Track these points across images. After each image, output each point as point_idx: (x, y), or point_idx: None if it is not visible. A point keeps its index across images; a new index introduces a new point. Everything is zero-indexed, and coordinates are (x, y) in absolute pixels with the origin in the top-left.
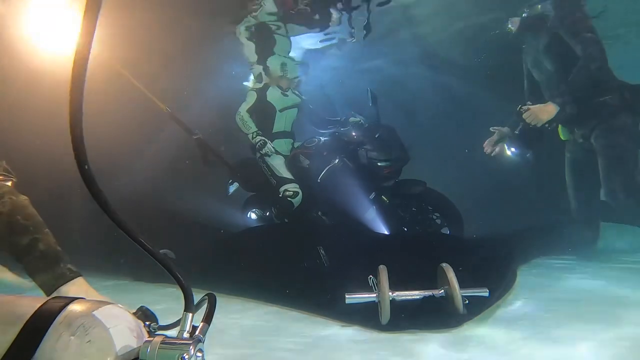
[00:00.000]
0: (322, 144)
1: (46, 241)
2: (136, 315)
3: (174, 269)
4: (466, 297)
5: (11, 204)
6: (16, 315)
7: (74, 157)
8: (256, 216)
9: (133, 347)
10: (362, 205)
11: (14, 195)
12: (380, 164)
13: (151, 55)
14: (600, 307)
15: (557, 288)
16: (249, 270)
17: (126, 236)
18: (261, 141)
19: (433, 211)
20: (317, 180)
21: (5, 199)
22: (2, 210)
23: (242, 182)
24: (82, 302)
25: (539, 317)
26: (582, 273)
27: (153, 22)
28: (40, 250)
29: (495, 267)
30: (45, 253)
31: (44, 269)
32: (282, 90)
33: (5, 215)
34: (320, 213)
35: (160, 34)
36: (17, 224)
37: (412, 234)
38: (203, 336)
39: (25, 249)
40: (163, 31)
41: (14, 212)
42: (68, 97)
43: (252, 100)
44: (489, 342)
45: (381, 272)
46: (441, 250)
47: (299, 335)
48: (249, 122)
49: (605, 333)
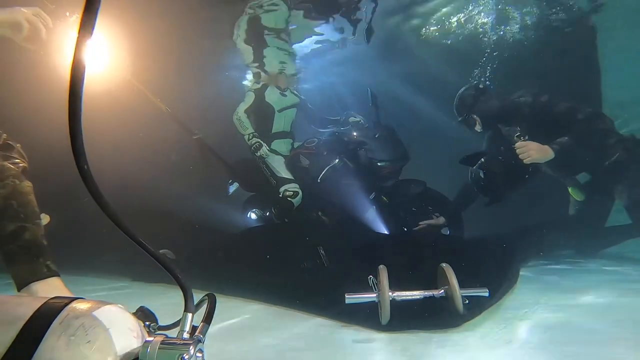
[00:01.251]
0: (322, 144)
1: (33, 232)
2: (136, 315)
3: (174, 269)
4: (466, 297)
5: (12, 187)
6: (16, 315)
7: (73, 157)
8: (256, 216)
9: (133, 347)
10: (362, 205)
11: (17, 179)
12: (380, 164)
13: (150, 54)
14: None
15: (559, 288)
16: (248, 270)
17: (126, 236)
18: (257, 143)
19: (433, 211)
20: (317, 180)
21: (8, 181)
22: (1, 192)
23: (242, 182)
24: (82, 302)
25: (539, 317)
26: (582, 273)
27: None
28: (24, 239)
29: (495, 267)
30: (29, 244)
31: (22, 261)
32: (280, 90)
33: (2, 198)
34: (320, 213)
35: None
36: (10, 208)
37: (412, 234)
38: (203, 336)
39: (10, 235)
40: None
41: (12, 196)
42: (67, 97)
43: (250, 101)
44: (489, 342)
45: (381, 272)
46: (441, 250)
47: (298, 335)
48: (245, 123)
49: (607, 333)
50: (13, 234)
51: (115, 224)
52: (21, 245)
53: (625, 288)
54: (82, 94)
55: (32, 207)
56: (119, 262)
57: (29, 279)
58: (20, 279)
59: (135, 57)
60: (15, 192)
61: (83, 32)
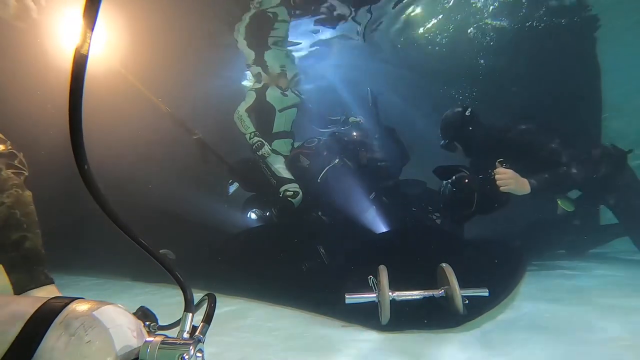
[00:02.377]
0: (322, 144)
1: (33, 241)
2: (136, 315)
3: (174, 270)
4: (466, 297)
5: (15, 197)
6: (16, 315)
7: (74, 158)
8: (256, 216)
9: (133, 347)
10: (362, 205)
11: (20, 189)
12: (380, 164)
13: (150, 54)
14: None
15: (557, 288)
16: (248, 270)
17: (126, 236)
18: (258, 142)
19: (433, 211)
20: (317, 180)
21: (12, 190)
22: (5, 201)
23: (242, 182)
24: (82, 302)
25: (539, 318)
26: (582, 273)
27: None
28: (25, 248)
29: (495, 268)
30: (29, 253)
31: (22, 269)
32: (281, 90)
33: (6, 207)
34: (320, 213)
35: (158, 33)
36: (13, 217)
37: (412, 234)
38: (203, 336)
39: (13, 243)
40: (161, 29)
41: (15, 205)
42: (67, 97)
43: (251, 100)
44: (489, 342)
45: (381, 272)
46: (441, 250)
47: (298, 334)
48: (247, 122)
49: (605, 333)
50: (16, 242)
51: (115, 224)
52: (22, 254)
53: (628, 289)
54: (82, 93)
55: (34, 216)
56: (120, 262)
57: (28, 286)
58: (19, 285)
59: (134, 57)
60: (18, 202)
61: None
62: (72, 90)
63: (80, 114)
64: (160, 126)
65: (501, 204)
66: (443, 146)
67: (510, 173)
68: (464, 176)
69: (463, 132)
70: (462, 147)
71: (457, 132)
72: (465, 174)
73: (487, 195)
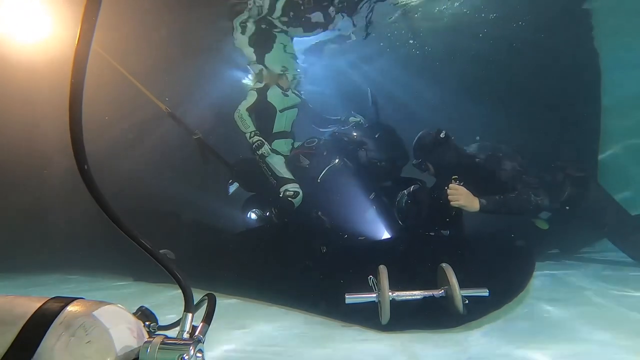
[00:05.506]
0: (322, 144)
1: None
2: (136, 315)
3: (174, 269)
4: (466, 297)
5: None
6: (16, 315)
7: (74, 158)
8: (256, 216)
9: (133, 348)
10: (362, 205)
11: None
12: (380, 164)
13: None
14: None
15: (557, 289)
16: (249, 270)
17: (126, 236)
18: (258, 141)
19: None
20: (317, 180)
21: None
22: None
23: (242, 182)
24: (82, 302)
25: (539, 318)
26: (582, 272)
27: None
28: None
29: (495, 268)
30: None
31: None
32: (282, 90)
33: None
34: (320, 213)
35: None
36: None
37: (412, 234)
38: (203, 336)
39: None
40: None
41: None
42: (68, 98)
43: (252, 100)
44: (489, 342)
45: (381, 272)
46: (441, 251)
47: (299, 334)
48: (247, 121)
49: (605, 333)
50: None
51: (115, 224)
52: None
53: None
54: (82, 94)
55: None
56: (121, 262)
57: None
58: None
59: (134, 58)
60: None
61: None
62: (72, 90)
63: (80, 114)
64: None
65: (452, 218)
66: (415, 165)
67: (462, 190)
68: (418, 188)
69: (435, 153)
70: (434, 168)
71: (429, 152)
72: (419, 185)
73: (439, 209)
